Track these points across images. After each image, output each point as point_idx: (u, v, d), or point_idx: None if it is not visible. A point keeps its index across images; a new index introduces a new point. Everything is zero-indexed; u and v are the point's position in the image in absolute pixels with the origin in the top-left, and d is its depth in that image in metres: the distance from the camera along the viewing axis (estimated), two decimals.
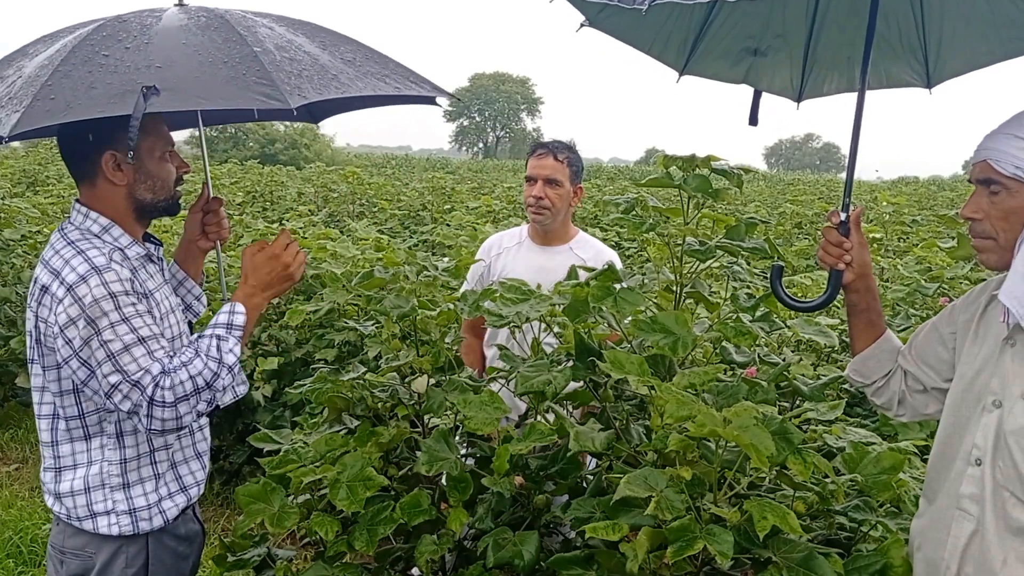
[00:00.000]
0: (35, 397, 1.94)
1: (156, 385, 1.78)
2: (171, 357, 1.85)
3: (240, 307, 1.94)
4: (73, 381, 1.86)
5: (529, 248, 3.17)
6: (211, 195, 2.20)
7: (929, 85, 2.38)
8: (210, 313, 2.47)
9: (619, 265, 2.97)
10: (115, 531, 1.92)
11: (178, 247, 2.29)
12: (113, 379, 1.78)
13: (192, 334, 2.31)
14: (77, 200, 1.96)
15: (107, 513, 1.92)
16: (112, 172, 1.91)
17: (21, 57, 1.89)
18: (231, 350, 1.88)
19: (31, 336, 1.90)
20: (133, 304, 1.82)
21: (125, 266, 1.87)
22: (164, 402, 1.77)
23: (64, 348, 1.79)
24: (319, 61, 1.81)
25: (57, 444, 1.92)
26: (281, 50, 1.79)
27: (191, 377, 1.80)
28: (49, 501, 1.97)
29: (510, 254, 3.18)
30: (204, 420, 2.17)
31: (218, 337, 1.88)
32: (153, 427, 1.79)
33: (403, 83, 1.95)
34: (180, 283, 2.26)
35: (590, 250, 3.12)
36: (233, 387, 1.92)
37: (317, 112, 2.46)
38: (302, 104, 1.66)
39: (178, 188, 2.05)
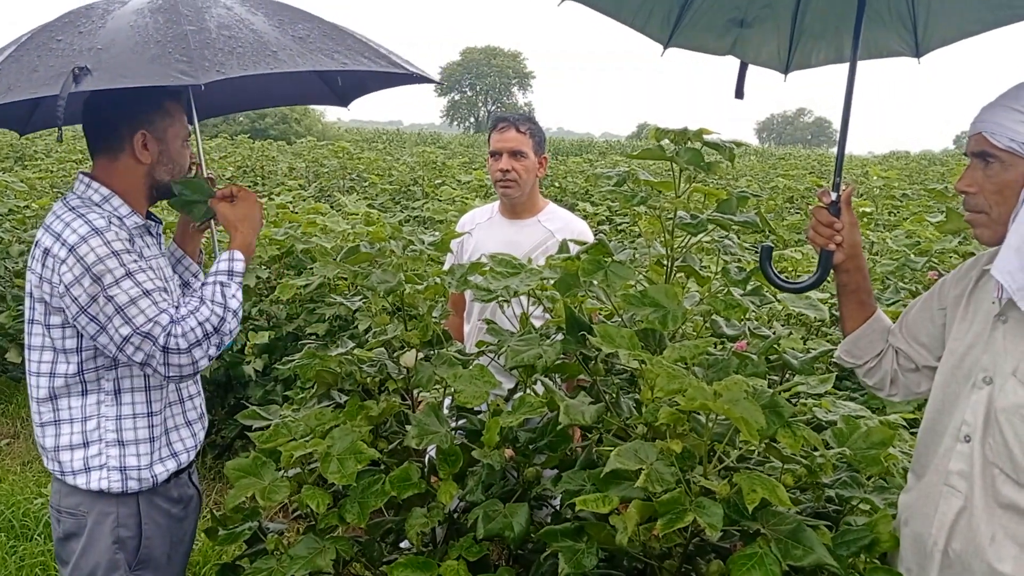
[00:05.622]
0: (33, 356, 2.00)
1: (168, 334, 1.86)
2: (176, 307, 1.92)
3: (238, 254, 2.02)
4: (77, 339, 1.94)
5: (499, 223, 3.18)
6: (204, 175, 2.24)
7: (918, 54, 2.34)
8: None
9: (590, 235, 2.99)
10: (104, 486, 1.98)
11: (177, 226, 2.37)
12: (124, 331, 1.86)
13: None
14: (83, 172, 2.04)
15: (100, 468, 1.98)
16: (140, 150, 2.01)
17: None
18: (234, 295, 1.97)
19: (31, 297, 1.99)
20: (136, 260, 1.90)
21: (123, 231, 1.94)
22: (179, 348, 1.86)
23: (72, 306, 1.87)
24: (263, 39, 1.86)
25: (56, 399, 1.99)
26: (223, 28, 1.83)
27: (199, 324, 1.89)
28: (45, 461, 2.04)
29: (482, 230, 3.19)
30: (194, 390, 2.22)
31: (221, 284, 1.96)
32: (171, 374, 1.88)
33: (352, 58, 1.94)
34: (178, 260, 2.34)
35: (559, 221, 3.13)
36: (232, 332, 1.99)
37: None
38: (217, 79, 1.71)
39: None
